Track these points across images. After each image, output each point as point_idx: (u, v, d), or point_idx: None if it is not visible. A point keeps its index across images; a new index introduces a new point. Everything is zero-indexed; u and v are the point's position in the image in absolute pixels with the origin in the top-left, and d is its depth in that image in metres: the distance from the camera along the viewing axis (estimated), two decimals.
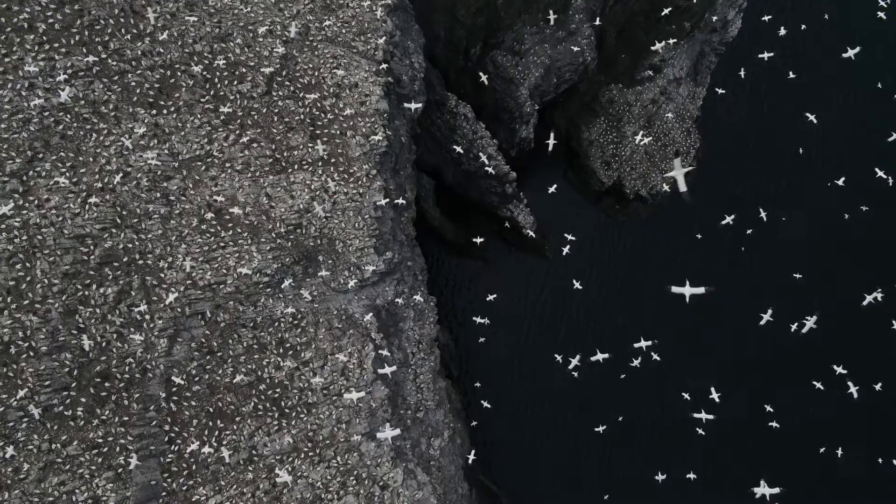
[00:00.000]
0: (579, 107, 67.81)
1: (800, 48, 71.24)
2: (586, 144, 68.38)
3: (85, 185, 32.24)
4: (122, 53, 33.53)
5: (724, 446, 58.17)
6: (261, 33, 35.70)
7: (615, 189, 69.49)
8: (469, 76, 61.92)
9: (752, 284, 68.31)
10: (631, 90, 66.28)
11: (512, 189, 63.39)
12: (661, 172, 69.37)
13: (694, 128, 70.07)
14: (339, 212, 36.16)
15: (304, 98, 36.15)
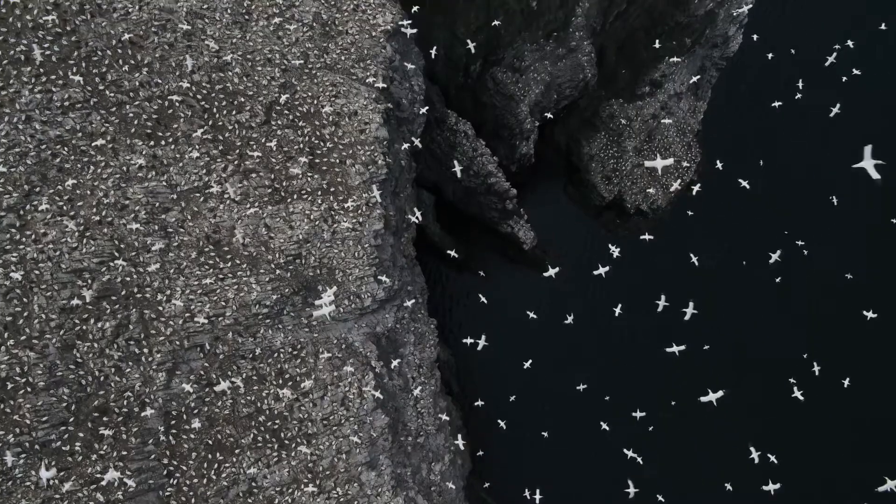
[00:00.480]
0: (580, 122, 67.64)
1: (801, 62, 70.89)
2: (587, 159, 68.23)
3: (83, 219, 31.97)
4: (119, 85, 33.27)
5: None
6: (259, 62, 35.42)
7: (616, 203, 69.36)
8: (469, 93, 61.79)
9: (753, 298, 68.28)
10: (631, 105, 66.10)
11: (512, 205, 63.25)
12: (661, 187, 69.24)
13: (695, 142, 69.92)
14: (339, 241, 35.90)
15: (304, 127, 35.88)
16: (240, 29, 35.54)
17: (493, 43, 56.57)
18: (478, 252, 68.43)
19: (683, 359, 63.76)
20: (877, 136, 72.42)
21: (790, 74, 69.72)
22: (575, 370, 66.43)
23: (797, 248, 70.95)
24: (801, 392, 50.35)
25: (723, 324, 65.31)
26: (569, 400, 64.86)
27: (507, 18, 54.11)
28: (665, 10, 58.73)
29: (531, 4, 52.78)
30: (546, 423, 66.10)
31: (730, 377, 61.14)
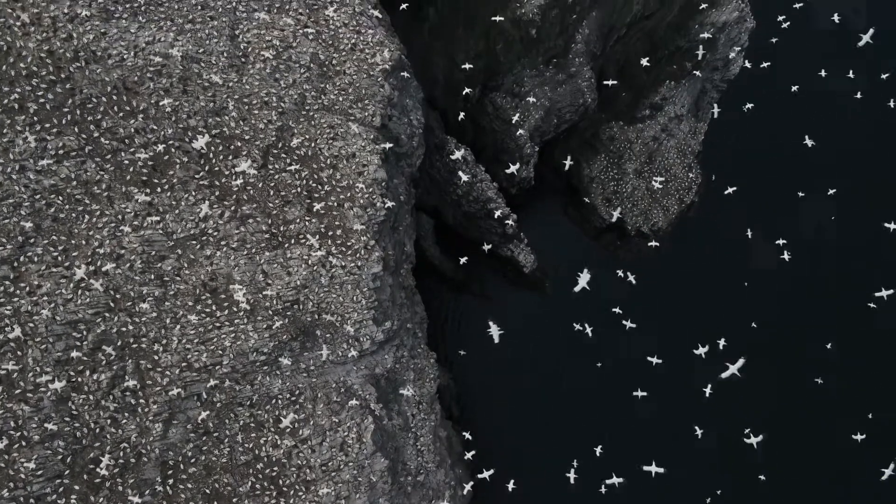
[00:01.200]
0: (580, 143, 67.27)
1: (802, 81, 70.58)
2: (587, 181, 67.88)
3: (77, 270, 31.61)
4: (114, 132, 32.91)
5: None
6: (256, 105, 35.07)
7: (616, 225, 68.95)
8: (469, 117, 61.39)
9: (755, 319, 67.79)
10: (632, 128, 65.77)
11: (512, 230, 62.94)
12: (662, 209, 68.93)
13: (695, 163, 69.59)
14: (337, 286, 35.53)
15: (301, 170, 35.53)
16: (236, 72, 35.17)
17: (492, 69, 56.23)
18: (477, 274, 68.04)
19: (682, 391, 63.58)
20: (873, 152, 72.25)
21: (791, 95, 69.51)
22: (576, 391, 66.14)
23: (798, 266, 70.66)
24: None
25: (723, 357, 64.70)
26: (571, 420, 64.56)
27: (506, 46, 53.77)
28: (665, 34, 58.40)
29: (530, 32, 52.43)
30: (548, 445, 65.80)
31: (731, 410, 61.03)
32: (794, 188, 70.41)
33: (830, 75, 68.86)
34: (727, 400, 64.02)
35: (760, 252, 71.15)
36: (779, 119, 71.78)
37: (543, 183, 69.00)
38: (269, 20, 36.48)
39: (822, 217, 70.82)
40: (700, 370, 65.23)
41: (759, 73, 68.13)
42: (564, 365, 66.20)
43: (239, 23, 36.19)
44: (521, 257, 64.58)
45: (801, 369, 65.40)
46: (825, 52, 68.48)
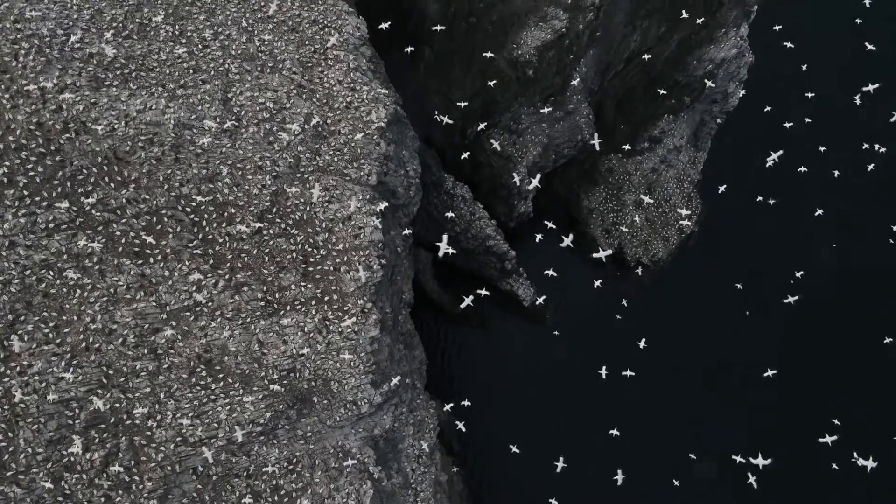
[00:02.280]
0: (578, 175, 66.87)
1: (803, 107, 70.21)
2: (586, 212, 67.49)
3: (69, 346, 31.07)
4: (105, 203, 32.37)
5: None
6: (250, 170, 34.54)
7: (616, 256, 68.54)
8: (466, 153, 60.92)
9: (757, 349, 67.38)
10: (630, 160, 65.36)
11: (511, 265, 62.59)
12: (662, 239, 68.48)
13: (695, 192, 69.16)
14: (334, 352, 35.00)
15: (296, 235, 35.00)
16: (229, 137, 34.64)
17: (489, 108, 55.75)
18: (477, 306, 67.51)
19: (684, 423, 63.21)
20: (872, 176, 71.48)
21: (790, 124, 69.10)
22: (577, 422, 65.69)
23: (800, 293, 70.13)
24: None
25: (723, 385, 64.44)
26: (574, 452, 63.98)
27: (503, 86, 53.27)
28: (663, 69, 57.92)
29: (527, 73, 51.93)
30: (551, 478, 65.27)
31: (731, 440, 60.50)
32: (795, 214, 70.11)
33: (831, 103, 68.60)
34: (727, 430, 63.77)
35: (762, 280, 70.72)
36: (778, 146, 71.32)
37: (542, 214, 68.52)
38: (262, 81, 35.96)
39: (824, 243, 70.37)
40: (702, 401, 65.00)
41: (758, 102, 67.79)
42: (565, 396, 65.77)
43: (232, 85, 35.66)
44: (521, 291, 64.24)
45: (803, 401, 65.09)
46: (827, 80, 68.11)
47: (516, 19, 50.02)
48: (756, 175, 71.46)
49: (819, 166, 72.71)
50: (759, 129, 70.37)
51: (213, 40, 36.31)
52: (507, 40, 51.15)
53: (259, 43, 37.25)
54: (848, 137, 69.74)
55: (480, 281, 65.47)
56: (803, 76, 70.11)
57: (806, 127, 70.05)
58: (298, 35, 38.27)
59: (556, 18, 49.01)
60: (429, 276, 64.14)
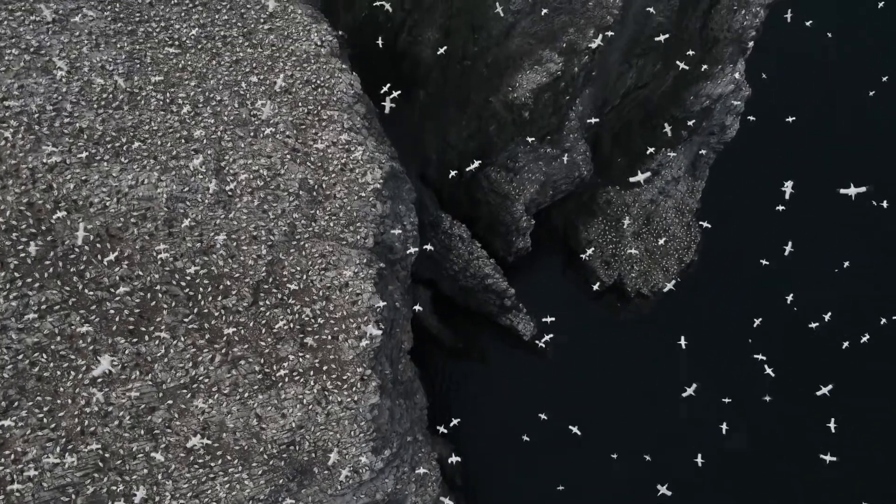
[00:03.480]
0: (576, 206, 66.51)
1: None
2: (585, 244, 67.07)
3: (64, 431, 30.56)
4: (98, 281, 31.86)
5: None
6: (244, 241, 34.06)
7: (616, 287, 68.17)
8: (463, 189, 60.61)
9: (758, 377, 66.91)
10: (628, 192, 65.02)
11: (511, 302, 62.20)
12: (662, 269, 68.12)
13: (694, 221, 68.83)
14: (334, 422, 34.50)
15: (293, 304, 34.52)
16: (223, 208, 34.16)
17: (485, 147, 55.35)
18: (477, 340, 67.20)
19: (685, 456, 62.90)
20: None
21: (788, 150, 68.90)
22: (579, 455, 65.28)
23: (802, 319, 69.86)
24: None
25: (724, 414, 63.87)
26: (576, 486, 63.69)
27: (499, 127, 52.87)
28: (660, 104, 57.56)
29: (523, 115, 51.52)
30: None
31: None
32: (795, 240, 69.68)
33: (830, 131, 68.52)
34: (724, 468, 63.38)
35: (762, 308, 70.30)
36: (777, 173, 71.01)
37: (541, 245, 68.19)
38: (255, 147, 35.50)
39: (825, 269, 70.02)
40: (703, 429, 64.52)
41: (755, 131, 67.48)
42: (567, 428, 65.33)
43: (225, 153, 35.20)
44: (521, 326, 63.90)
45: (804, 427, 64.68)
46: (825, 106, 68.02)
47: (511, 62, 49.62)
48: (755, 202, 71.25)
49: (818, 194, 72.24)
50: (757, 156, 70.21)
51: (204, 106, 35.86)
52: (503, 83, 50.73)
53: (251, 107, 36.79)
54: (846, 163, 69.56)
55: (480, 316, 65.18)
56: (801, 104, 70.00)
57: (805, 154, 70.00)
58: (291, 96, 37.83)
59: (551, 62, 48.62)
60: (428, 312, 63.71)
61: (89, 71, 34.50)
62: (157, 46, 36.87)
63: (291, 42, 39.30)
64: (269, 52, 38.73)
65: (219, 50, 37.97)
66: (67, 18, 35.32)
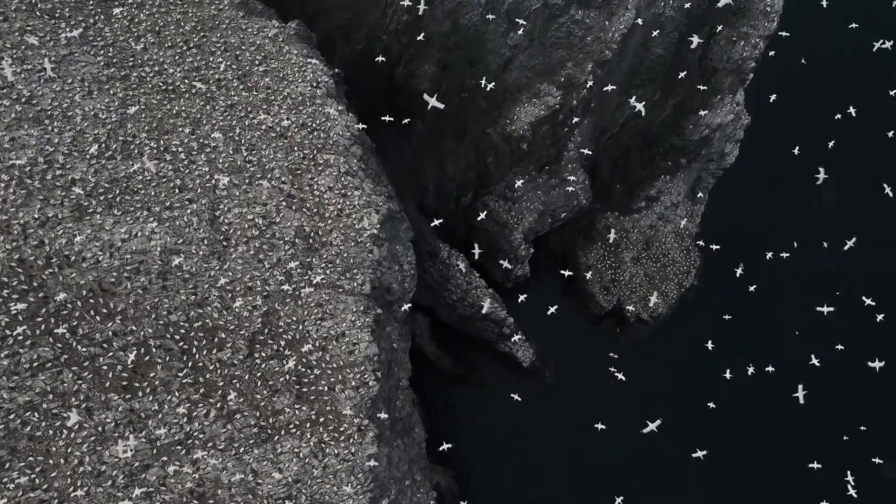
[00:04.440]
0: (575, 232, 66.22)
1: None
2: (584, 269, 66.74)
3: (56, 492, 30.09)
4: (91, 337, 31.41)
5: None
6: (239, 292, 33.62)
7: (615, 311, 67.89)
8: (461, 217, 60.27)
9: (760, 403, 66.73)
10: (628, 218, 64.76)
11: (509, 329, 61.93)
12: (661, 294, 67.82)
13: (693, 246, 68.55)
14: (331, 475, 34.05)
15: (289, 356, 34.07)
16: (217, 259, 33.72)
17: (483, 178, 55.00)
18: (476, 366, 66.83)
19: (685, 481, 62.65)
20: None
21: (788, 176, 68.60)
22: (580, 480, 65.07)
23: (802, 343, 69.59)
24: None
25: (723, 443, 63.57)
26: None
27: (497, 159, 52.51)
28: (659, 132, 57.27)
29: (521, 147, 51.18)
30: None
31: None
32: (797, 262, 69.52)
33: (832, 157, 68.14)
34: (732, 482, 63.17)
35: (764, 332, 70.06)
36: (777, 194, 70.90)
37: (540, 270, 67.87)
38: (251, 195, 35.07)
39: (825, 292, 69.74)
40: (703, 462, 64.24)
41: (755, 154, 67.25)
42: (566, 454, 65.05)
43: (220, 202, 34.76)
44: (520, 353, 63.63)
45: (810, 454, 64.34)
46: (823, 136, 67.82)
47: (509, 95, 49.29)
48: (755, 224, 71.06)
49: (818, 214, 72.18)
50: (757, 179, 70.00)
51: (199, 154, 35.43)
52: (501, 115, 50.39)
53: (247, 152, 36.36)
54: (845, 185, 69.43)
55: (479, 342, 64.82)
56: (799, 132, 69.74)
57: (806, 177, 69.63)
58: (287, 141, 37.40)
59: (549, 95, 48.29)
60: (426, 339, 63.41)
61: (82, 120, 34.05)
62: (151, 92, 36.44)
63: (287, 84, 38.88)
64: (265, 94, 38.30)
65: (213, 94, 37.53)
66: (60, 66, 34.87)
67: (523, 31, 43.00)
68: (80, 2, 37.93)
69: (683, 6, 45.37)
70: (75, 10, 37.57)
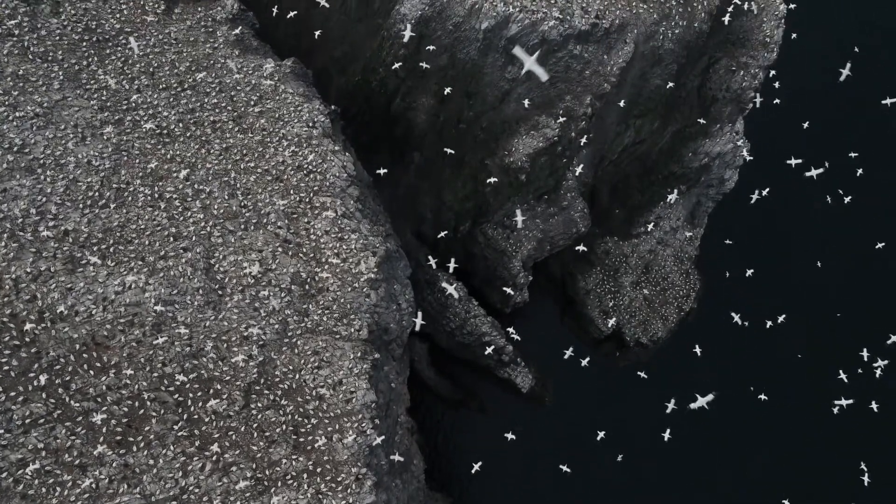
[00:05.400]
0: (574, 256, 65.74)
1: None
2: (582, 293, 66.42)
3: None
4: (84, 392, 30.99)
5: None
6: (235, 342, 33.23)
7: (615, 335, 67.52)
8: (459, 243, 59.91)
9: (760, 426, 66.43)
10: (627, 242, 64.42)
11: (509, 357, 61.57)
12: (661, 318, 67.48)
13: (693, 269, 68.21)
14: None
15: (286, 406, 33.67)
16: (213, 309, 33.30)
17: (482, 208, 54.66)
18: (475, 391, 66.46)
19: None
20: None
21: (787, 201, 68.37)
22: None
23: (801, 369, 69.50)
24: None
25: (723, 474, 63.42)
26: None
27: (495, 189, 52.17)
28: (658, 159, 56.96)
29: (520, 178, 50.84)
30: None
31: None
32: (797, 286, 69.34)
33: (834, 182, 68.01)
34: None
35: (764, 355, 69.68)
36: (779, 215, 70.60)
37: (538, 294, 67.52)
38: (246, 242, 34.68)
39: (826, 319, 69.69)
40: (705, 483, 63.99)
41: (755, 179, 66.78)
42: (567, 479, 64.57)
43: (215, 249, 34.36)
44: (519, 380, 63.31)
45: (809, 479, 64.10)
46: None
47: (507, 127, 48.94)
48: (755, 246, 70.75)
49: (818, 238, 71.86)
50: (757, 203, 69.67)
51: (193, 200, 35.03)
52: (499, 147, 50.06)
53: (242, 197, 35.97)
54: (844, 211, 69.27)
55: (477, 368, 64.48)
56: (802, 150, 69.40)
57: (806, 200, 69.58)
58: (283, 184, 37.02)
59: (547, 127, 47.92)
60: (424, 364, 63.04)
61: (75, 168, 33.65)
62: (145, 136, 36.05)
63: (282, 125, 38.49)
64: (260, 137, 37.92)
65: (208, 137, 37.15)
66: (52, 111, 34.49)
67: (521, 65, 42.64)
68: (73, 44, 37.55)
69: (683, 39, 45.01)
70: (68, 53, 37.20)
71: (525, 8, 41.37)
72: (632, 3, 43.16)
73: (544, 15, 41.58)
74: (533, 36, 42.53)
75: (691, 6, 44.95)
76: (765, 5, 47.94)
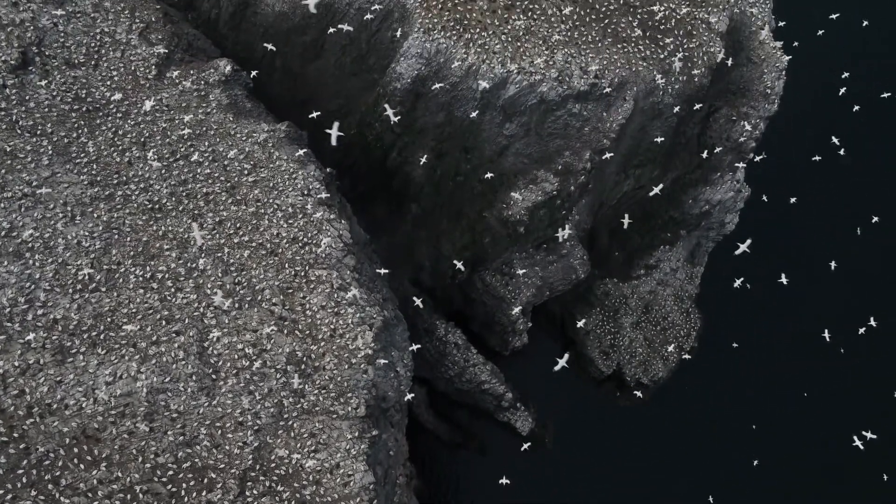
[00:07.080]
0: (573, 297, 65.18)
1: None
2: (582, 334, 65.80)
3: None
4: (75, 487, 30.20)
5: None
6: (229, 428, 32.46)
7: (615, 376, 66.98)
8: (458, 289, 59.29)
9: (761, 464, 65.91)
10: (626, 284, 63.83)
11: (508, 402, 61.02)
12: (661, 358, 66.93)
13: (693, 308, 67.65)
14: None
15: (282, 492, 32.90)
16: (206, 395, 32.55)
17: (480, 257, 54.00)
18: (474, 433, 65.82)
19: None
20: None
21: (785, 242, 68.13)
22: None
23: (804, 404, 69.07)
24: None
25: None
26: None
27: (494, 240, 51.53)
28: (657, 205, 56.31)
29: (518, 230, 50.19)
30: None
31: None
32: (798, 322, 68.84)
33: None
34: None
35: (765, 394, 69.25)
36: (778, 254, 70.09)
37: (538, 334, 66.91)
38: (240, 322, 33.92)
39: (829, 357, 69.17)
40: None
41: (756, 221, 66.31)
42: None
43: (208, 331, 33.60)
44: (518, 424, 62.81)
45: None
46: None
47: (505, 180, 48.28)
48: (755, 283, 70.14)
49: (819, 271, 71.22)
50: (758, 238, 69.19)
51: (186, 279, 34.28)
52: (497, 199, 49.39)
53: (236, 273, 35.22)
54: (842, 244, 69.15)
55: (477, 411, 63.87)
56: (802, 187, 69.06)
57: (806, 237, 69.29)
58: (277, 258, 36.27)
59: (546, 182, 47.26)
60: (424, 408, 62.36)
61: (64, 250, 32.88)
62: (137, 212, 35.29)
63: (277, 195, 37.75)
64: (254, 208, 37.18)
65: (201, 210, 36.40)
66: (41, 189, 33.72)
67: (519, 123, 41.99)
68: (63, 115, 36.80)
69: (684, 93, 44.40)
70: (57, 125, 36.44)
71: (523, 69, 40.71)
72: (631, 61, 42.53)
73: (542, 76, 40.92)
74: (531, 97, 41.90)
75: (691, 61, 44.34)
76: (765, 56, 47.34)
